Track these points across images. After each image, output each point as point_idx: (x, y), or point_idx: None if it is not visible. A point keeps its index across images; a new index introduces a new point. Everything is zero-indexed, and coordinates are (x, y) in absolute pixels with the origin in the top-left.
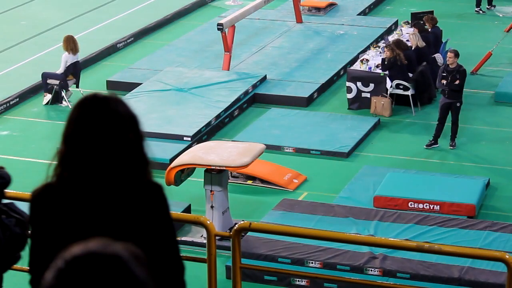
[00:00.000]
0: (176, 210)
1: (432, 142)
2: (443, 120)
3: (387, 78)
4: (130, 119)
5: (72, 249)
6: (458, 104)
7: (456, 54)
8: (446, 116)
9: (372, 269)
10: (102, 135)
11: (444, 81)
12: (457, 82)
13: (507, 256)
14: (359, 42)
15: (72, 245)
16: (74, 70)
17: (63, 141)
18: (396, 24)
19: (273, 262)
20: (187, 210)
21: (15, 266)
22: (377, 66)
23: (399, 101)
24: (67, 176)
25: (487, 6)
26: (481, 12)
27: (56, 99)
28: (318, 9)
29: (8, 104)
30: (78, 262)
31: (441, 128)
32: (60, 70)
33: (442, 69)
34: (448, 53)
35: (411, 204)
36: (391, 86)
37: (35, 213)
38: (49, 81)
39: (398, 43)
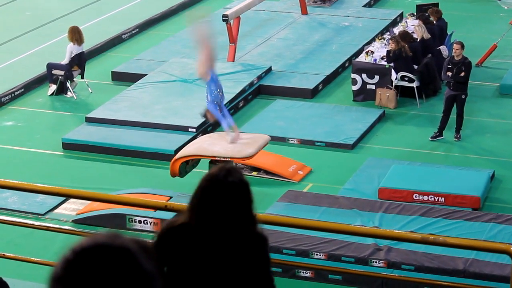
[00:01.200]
0: (183, 202)
1: (437, 134)
2: (448, 112)
3: (392, 70)
4: (244, 187)
5: (81, 241)
6: (463, 96)
7: (463, 46)
8: (451, 108)
9: (377, 261)
10: (223, 200)
11: (450, 73)
12: (462, 74)
13: None
14: (364, 33)
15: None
16: (79, 61)
17: (194, 197)
18: (401, 16)
19: (277, 253)
20: None
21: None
22: (382, 58)
23: (404, 93)
24: (194, 223)
25: None
26: None
27: (61, 90)
28: (323, 0)
29: (13, 95)
30: (87, 253)
31: (446, 120)
32: (65, 60)
33: (448, 61)
34: (455, 44)
35: (415, 196)
36: (396, 78)
37: (161, 241)
38: (54, 71)
39: (405, 35)
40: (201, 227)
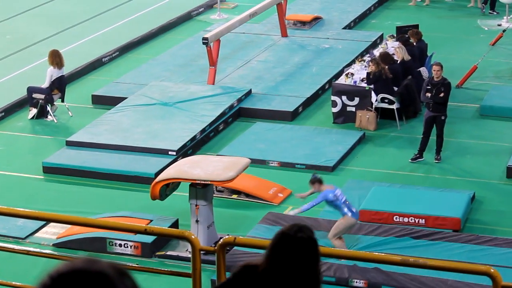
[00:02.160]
0: (163, 225)
1: (417, 156)
2: (428, 134)
3: (372, 92)
4: (312, 244)
5: (58, 266)
6: (443, 118)
7: (442, 67)
8: (431, 129)
9: (357, 281)
10: (292, 254)
11: (429, 94)
12: (441, 95)
13: (492, 270)
14: (344, 56)
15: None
16: (60, 85)
17: (268, 248)
18: (381, 37)
19: None
20: (175, 225)
21: None
22: (362, 80)
23: (384, 115)
24: (264, 269)
25: (490, 11)
26: (483, 10)
27: (42, 114)
28: (303, 23)
29: None
30: (64, 279)
31: (426, 141)
32: (45, 84)
33: (427, 82)
34: (434, 66)
35: (396, 218)
36: (376, 100)
37: (234, 279)
38: (34, 95)
39: (385, 56)
40: (269, 275)
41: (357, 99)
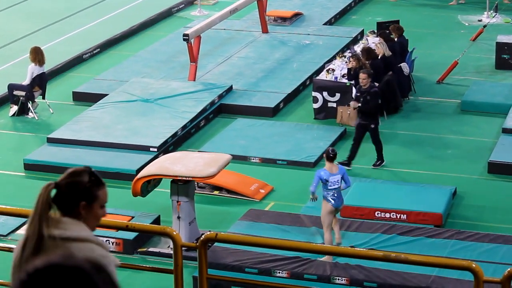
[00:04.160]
0: (145, 221)
1: (347, 160)
2: (358, 140)
3: (353, 88)
4: None
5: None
6: (372, 126)
7: (369, 75)
8: (362, 136)
9: (339, 278)
10: None
11: (355, 102)
12: (368, 103)
13: (474, 265)
14: (325, 51)
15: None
16: (40, 82)
17: None
18: (362, 33)
19: (240, 272)
20: (157, 221)
21: None
22: (343, 76)
23: None
24: None
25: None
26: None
27: (22, 111)
28: (283, 19)
29: None
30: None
31: (357, 148)
32: (26, 81)
33: (357, 90)
34: (361, 74)
35: (377, 214)
36: None
37: None
38: (15, 92)
39: (368, 51)
40: None
41: (338, 95)
